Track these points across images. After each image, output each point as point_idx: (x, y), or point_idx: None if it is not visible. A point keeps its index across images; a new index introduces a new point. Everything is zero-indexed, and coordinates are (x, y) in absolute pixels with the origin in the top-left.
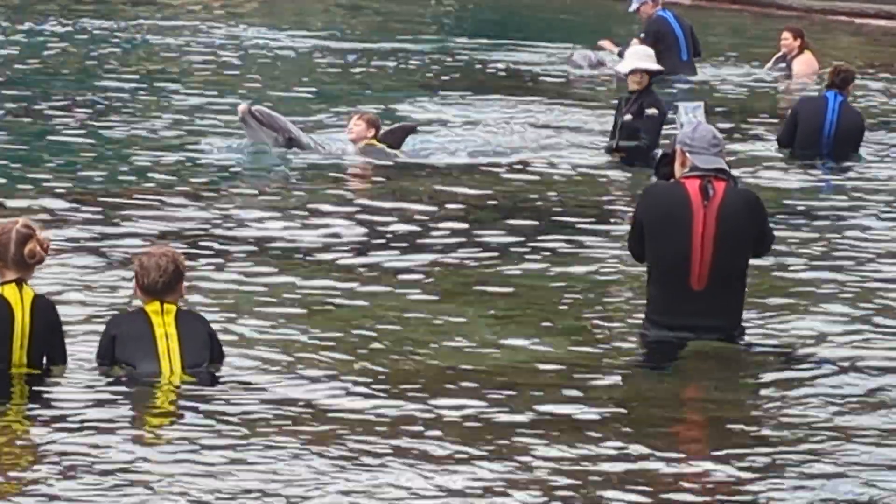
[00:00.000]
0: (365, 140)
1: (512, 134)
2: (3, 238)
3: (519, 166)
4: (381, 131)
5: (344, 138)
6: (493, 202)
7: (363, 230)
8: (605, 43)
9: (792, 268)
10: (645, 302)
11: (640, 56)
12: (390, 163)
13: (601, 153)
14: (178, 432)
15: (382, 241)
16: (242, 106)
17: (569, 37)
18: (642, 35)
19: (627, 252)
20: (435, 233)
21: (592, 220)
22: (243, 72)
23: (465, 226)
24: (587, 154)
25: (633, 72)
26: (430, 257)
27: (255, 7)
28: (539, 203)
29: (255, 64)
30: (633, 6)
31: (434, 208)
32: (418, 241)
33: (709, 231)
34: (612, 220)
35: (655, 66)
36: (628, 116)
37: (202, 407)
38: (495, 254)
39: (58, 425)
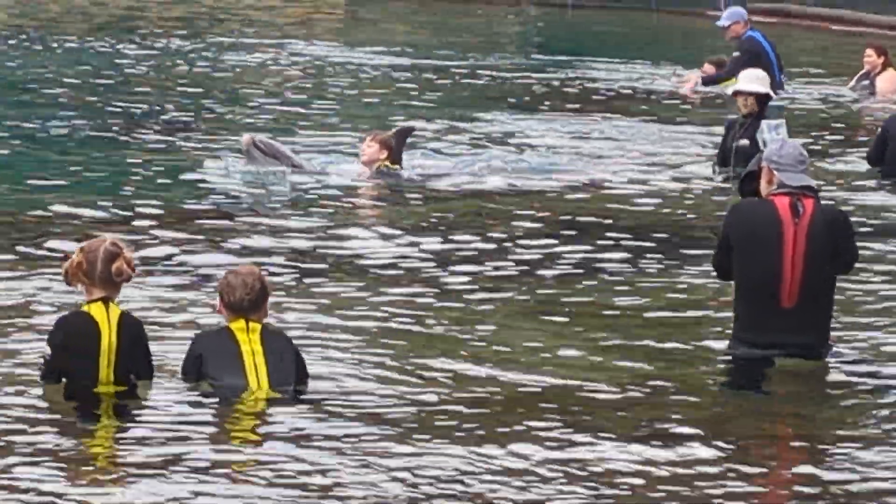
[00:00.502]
0: (378, 162)
1: (590, 151)
2: (91, 256)
3: (598, 184)
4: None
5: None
6: (570, 220)
7: (439, 249)
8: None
9: (878, 284)
10: (731, 319)
11: (751, 79)
12: (404, 184)
13: (682, 170)
14: (265, 448)
15: (460, 259)
16: (246, 137)
17: (650, 55)
18: (736, 55)
19: (712, 269)
20: (513, 251)
21: (673, 237)
22: (323, 90)
23: (543, 243)
24: (670, 172)
25: (737, 93)
26: (508, 275)
27: (335, 26)
28: (618, 221)
29: (334, 82)
30: (724, 23)
31: (511, 226)
32: (495, 259)
33: (799, 248)
34: (694, 238)
35: (764, 90)
36: (743, 141)
37: (289, 423)
38: (576, 272)
39: (146, 441)
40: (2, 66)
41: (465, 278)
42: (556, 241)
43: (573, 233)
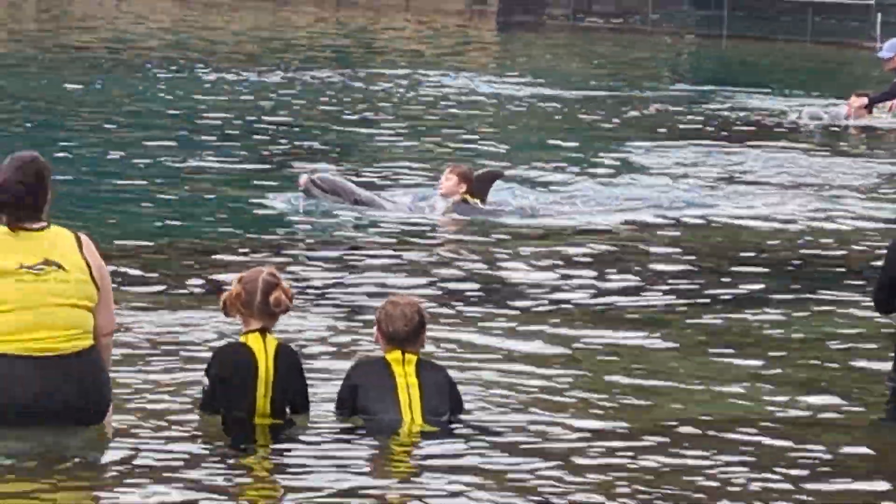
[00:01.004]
0: (457, 195)
1: (747, 182)
2: (250, 287)
3: (755, 215)
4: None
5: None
6: (729, 252)
7: (597, 277)
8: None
9: None
10: (892, 355)
11: None
12: (481, 218)
13: (835, 202)
14: (420, 482)
15: (619, 289)
16: (303, 178)
17: (804, 86)
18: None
19: (872, 303)
20: (676, 283)
21: (833, 270)
22: (474, 119)
23: (704, 276)
24: (824, 203)
25: None
26: (671, 307)
27: (488, 57)
28: (777, 253)
29: (484, 111)
30: (886, 54)
31: (672, 257)
32: (657, 289)
33: None
34: (854, 271)
35: None
36: None
37: (443, 456)
38: (736, 304)
39: (300, 473)
40: (152, 96)
41: (612, 308)
42: (708, 272)
43: (731, 265)
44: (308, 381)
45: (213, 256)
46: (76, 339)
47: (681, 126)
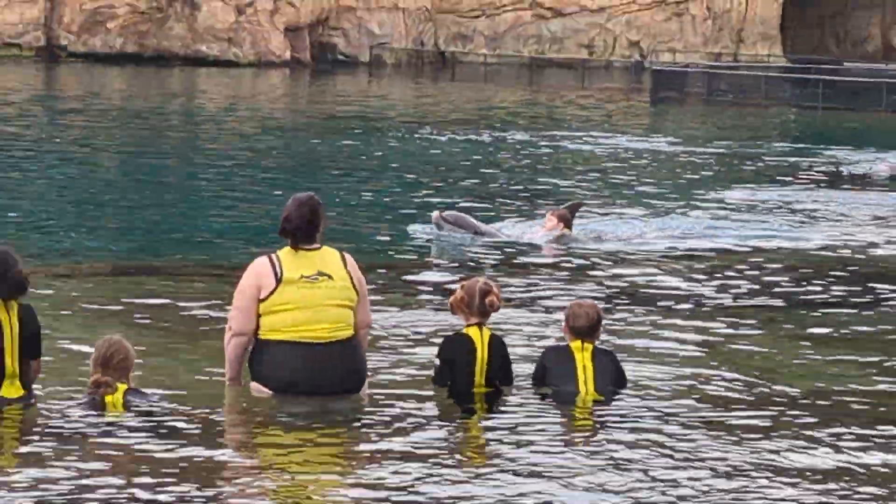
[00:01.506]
0: (557, 230)
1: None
2: (470, 292)
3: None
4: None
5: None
6: (820, 268)
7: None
8: None
9: None
10: None
11: None
12: (579, 243)
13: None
14: (589, 436)
15: (732, 294)
16: (435, 214)
17: (879, 145)
18: None
19: None
20: (778, 290)
21: None
22: (628, 167)
23: (801, 286)
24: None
25: None
26: (776, 308)
27: (641, 123)
28: (860, 268)
29: (637, 161)
30: None
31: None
32: (765, 295)
33: None
34: None
35: None
36: None
37: (607, 416)
38: (830, 306)
39: (507, 428)
40: (389, 151)
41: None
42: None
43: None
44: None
45: (432, 271)
46: (341, 331)
47: (780, 174)
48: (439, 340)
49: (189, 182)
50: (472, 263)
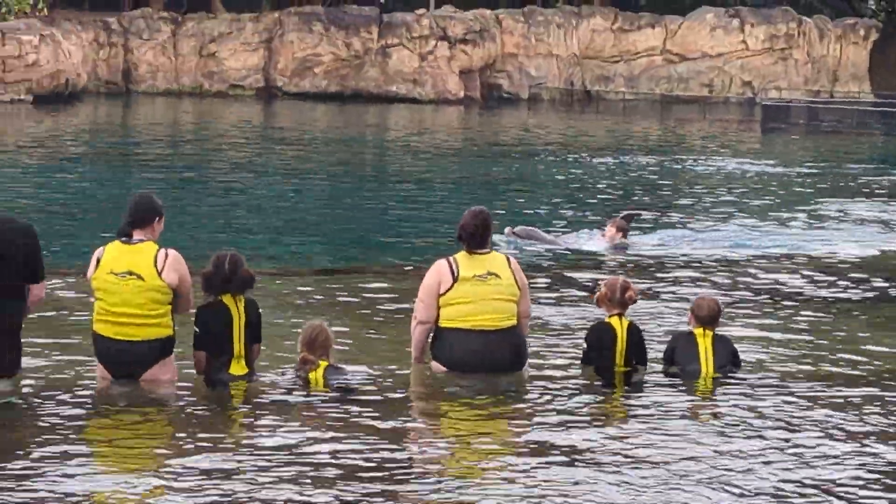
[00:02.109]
0: (616, 239)
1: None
2: (612, 287)
3: None
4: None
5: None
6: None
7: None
8: None
9: None
10: None
11: None
12: (634, 249)
13: None
14: (709, 403)
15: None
16: (507, 229)
17: None
18: None
19: None
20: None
21: None
22: (740, 186)
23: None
24: None
25: None
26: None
27: (754, 148)
28: None
29: (747, 181)
30: None
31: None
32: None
33: None
34: None
35: None
36: None
37: (723, 394)
38: None
39: (644, 396)
40: (542, 172)
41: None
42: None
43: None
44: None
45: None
46: (506, 320)
47: (868, 191)
48: (586, 329)
49: (381, 198)
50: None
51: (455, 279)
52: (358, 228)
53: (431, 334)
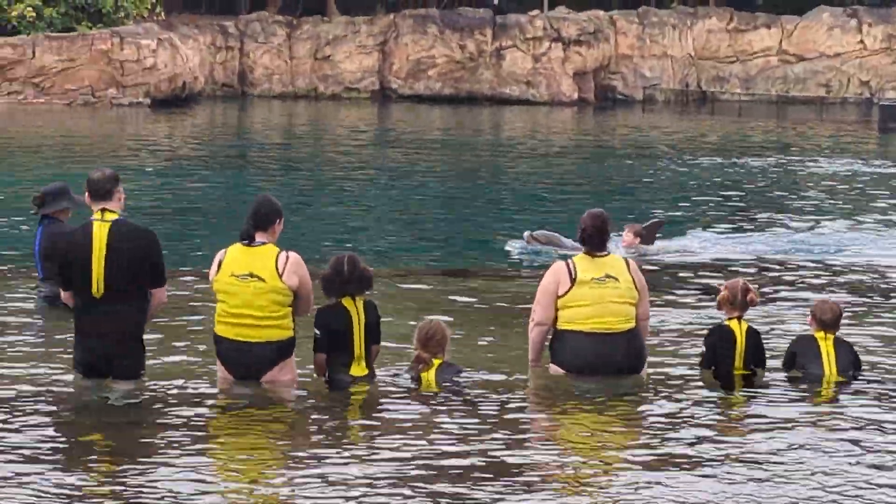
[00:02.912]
0: (634, 244)
1: None
2: (734, 290)
3: None
4: (643, 227)
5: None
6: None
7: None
8: None
9: None
10: None
11: None
12: (650, 257)
13: None
14: (835, 409)
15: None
16: (526, 234)
17: None
18: None
19: None
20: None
21: None
22: (854, 185)
23: None
24: None
25: None
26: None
27: (871, 148)
28: None
29: (863, 184)
30: None
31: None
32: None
33: None
34: None
35: None
36: None
37: (847, 394)
38: None
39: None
40: (660, 174)
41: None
42: None
43: None
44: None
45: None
46: (624, 323)
47: None
48: (703, 332)
49: (496, 200)
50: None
51: (573, 282)
52: (473, 230)
53: (549, 336)
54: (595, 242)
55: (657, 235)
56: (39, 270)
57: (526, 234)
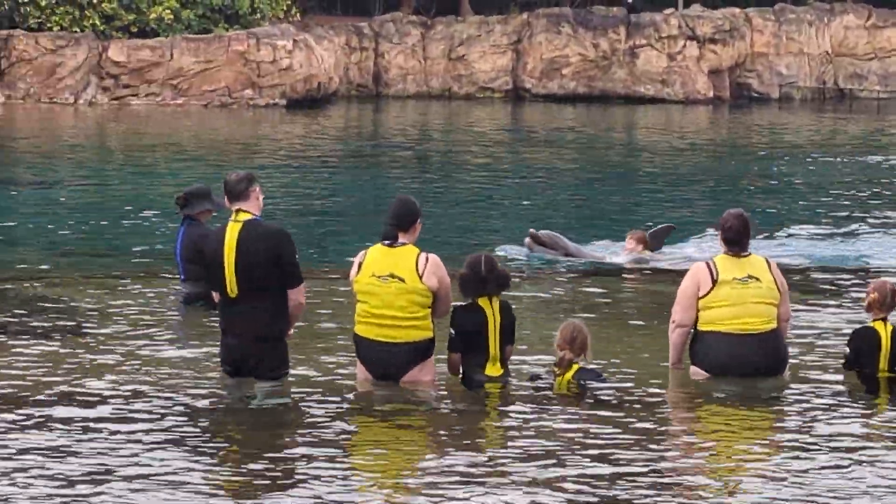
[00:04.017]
0: (636, 251)
1: None
2: (882, 292)
3: None
4: (650, 233)
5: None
6: None
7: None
8: None
9: None
10: None
11: None
12: (652, 263)
13: None
14: None
15: None
16: (527, 239)
17: None
18: None
19: None
20: None
21: None
22: None
23: None
24: None
25: None
26: None
27: None
28: None
29: None
30: None
31: None
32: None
33: None
34: None
35: None
36: None
37: None
38: None
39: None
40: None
41: None
42: None
43: None
44: None
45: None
46: (766, 324)
47: None
48: (846, 333)
49: (632, 199)
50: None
51: (714, 282)
52: (608, 230)
53: (690, 338)
54: (738, 243)
55: (663, 241)
56: (181, 271)
57: (528, 239)
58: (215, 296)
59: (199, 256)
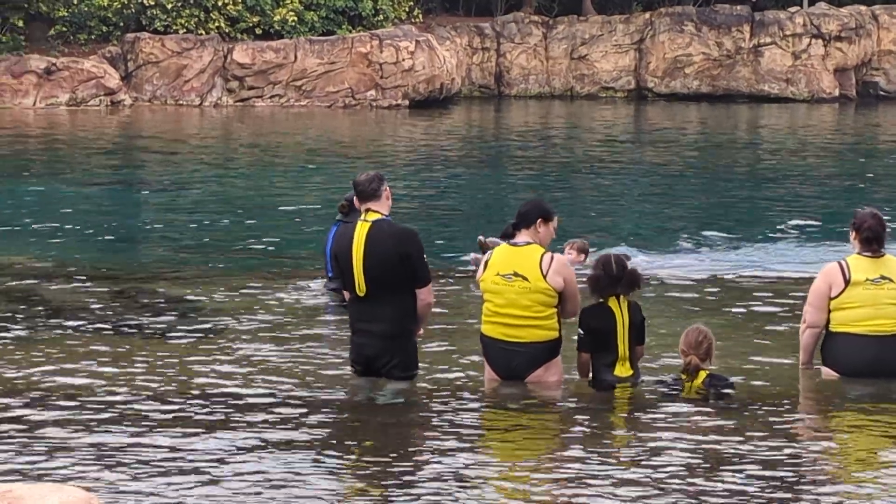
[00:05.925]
0: (577, 262)
1: None
2: None
3: None
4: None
5: None
6: None
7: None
8: None
9: None
10: None
11: None
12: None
13: None
14: None
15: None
16: (480, 238)
17: None
18: None
19: None
20: None
21: None
22: None
23: None
24: None
25: None
26: None
27: None
28: None
29: None
30: None
31: None
32: None
33: None
34: None
35: None
36: None
37: None
38: None
39: None
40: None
41: None
42: None
43: None
44: None
45: None
46: None
47: None
48: None
49: (758, 199)
50: None
51: (847, 283)
52: (739, 231)
53: (821, 339)
54: (873, 243)
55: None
56: (328, 269)
57: (479, 237)
58: (346, 294)
59: (334, 255)
